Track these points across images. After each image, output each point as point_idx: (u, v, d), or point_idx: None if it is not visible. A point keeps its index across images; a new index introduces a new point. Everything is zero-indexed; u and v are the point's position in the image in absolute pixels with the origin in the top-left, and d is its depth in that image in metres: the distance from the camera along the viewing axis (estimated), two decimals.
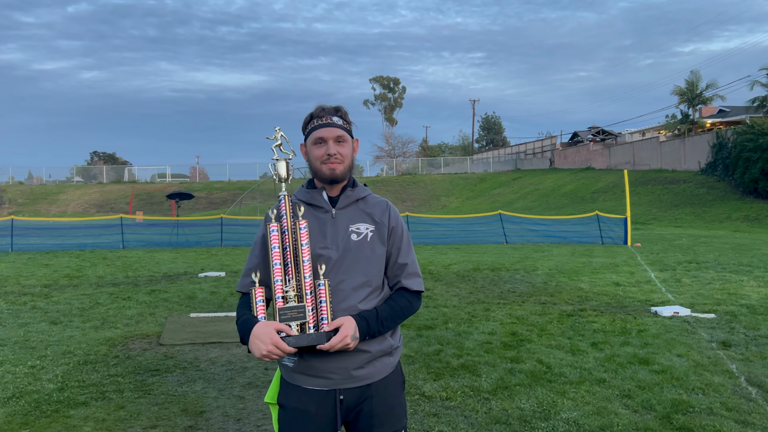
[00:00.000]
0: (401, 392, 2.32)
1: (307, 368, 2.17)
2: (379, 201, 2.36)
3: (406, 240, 2.34)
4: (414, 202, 55.13)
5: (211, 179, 66.82)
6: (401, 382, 2.33)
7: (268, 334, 2.04)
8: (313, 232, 2.21)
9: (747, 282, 10.99)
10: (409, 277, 2.30)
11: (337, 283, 2.17)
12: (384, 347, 2.24)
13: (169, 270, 14.20)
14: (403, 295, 2.29)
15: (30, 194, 57.64)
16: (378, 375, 2.23)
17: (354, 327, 2.10)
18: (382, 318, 2.19)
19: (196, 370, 5.88)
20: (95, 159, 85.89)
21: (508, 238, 22.23)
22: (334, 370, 2.16)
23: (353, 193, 2.31)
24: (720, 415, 4.54)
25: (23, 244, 21.03)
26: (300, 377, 2.19)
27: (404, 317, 2.28)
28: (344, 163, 2.25)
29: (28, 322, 8.20)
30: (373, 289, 2.23)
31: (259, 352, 2.05)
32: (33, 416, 4.67)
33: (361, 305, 2.18)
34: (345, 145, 2.26)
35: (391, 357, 2.28)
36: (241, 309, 2.24)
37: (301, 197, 2.31)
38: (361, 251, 2.22)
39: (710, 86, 46.96)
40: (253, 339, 2.07)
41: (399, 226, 2.33)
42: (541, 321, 7.89)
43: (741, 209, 31.19)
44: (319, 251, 2.19)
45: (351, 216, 2.27)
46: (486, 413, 4.65)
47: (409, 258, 2.32)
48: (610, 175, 45.92)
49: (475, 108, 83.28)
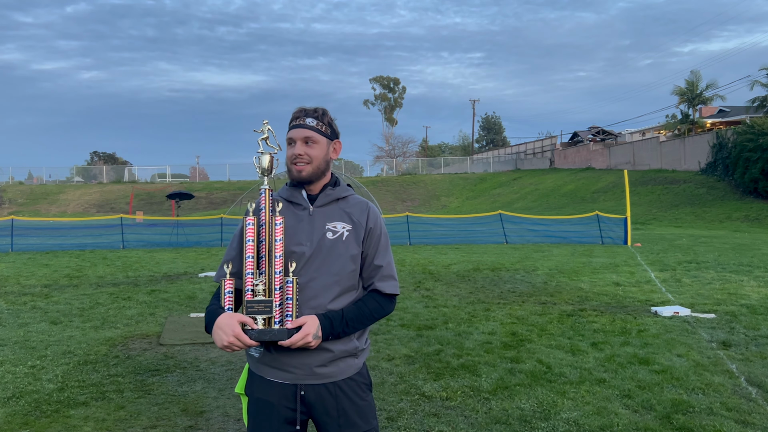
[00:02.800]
0: (368, 394, 2.31)
1: (271, 360, 2.20)
2: (359, 201, 2.35)
3: (384, 242, 2.34)
4: (414, 202, 55.15)
5: (211, 179, 66.84)
6: (368, 384, 2.33)
7: (231, 326, 2.06)
8: (289, 228, 2.21)
9: (747, 282, 10.99)
10: (384, 279, 2.30)
11: (307, 280, 2.18)
12: (348, 348, 2.24)
13: (169, 270, 14.20)
14: (374, 298, 2.29)
15: (30, 194, 57.65)
16: (341, 375, 2.23)
17: (317, 326, 2.11)
18: (348, 319, 2.19)
19: (196, 370, 5.88)
20: (95, 159, 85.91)
21: (508, 238, 22.24)
22: (297, 365, 2.18)
23: (333, 192, 2.31)
24: (720, 415, 4.54)
25: (23, 244, 21.03)
26: (264, 368, 2.23)
27: (373, 320, 2.27)
28: (312, 164, 2.24)
29: (28, 322, 8.20)
30: (343, 289, 2.23)
31: (220, 342, 2.07)
32: (33, 416, 4.67)
33: (330, 305, 2.19)
34: (314, 146, 2.25)
35: (356, 359, 2.28)
36: (213, 299, 2.27)
37: (282, 194, 2.33)
38: (334, 250, 2.22)
39: (710, 86, 46.97)
40: (216, 329, 2.10)
41: (377, 227, 2.32)
42: (541, 321, 7.89)
43: (741, 209, 31.21)
44: (293, 248, 2.20)
45: (329, 214, 2.27)
46: (486, 413, 4.65)
47: (384, 260, 2.31)
48: (610, 175, 45.94)
49: (475, 108, 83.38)
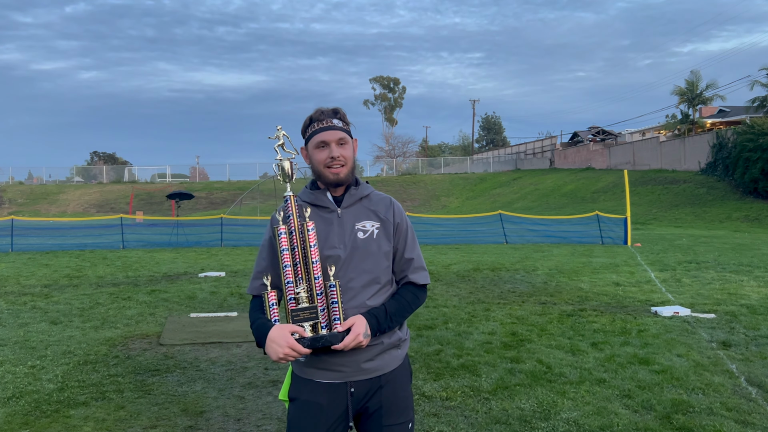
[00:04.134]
0: (409, 384, 2.35)
1: (318, 362, 2.21)
2: (383, 198, 2.37)
3: (411, 235, 2.37)
4: (414, 202, 55.14)
5: (211, 179, 66.89)
6: (409, 374, 2.37)
7: (284, 338, 2.07)
8: (321, 233, 2.22)
9: (747, 282, 10.99)
10: (416, 271, 2.34)
11: (346, 281, 2.20)
12: (393, 340, 2.28)
13: (169, 270, 14.20)
14: (409, 290, 2.33)
15: (30, 194, 57.64)
16: (387, 367, 2.26)
17: (365, 325, 2.14)
18: (391, 314, 2.23)
19: (196, 370, 5.88)
20: (95, 159, 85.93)
21: (508, 238, 22.23)
22: (345, 363, 2.19)
23: (357, 191, 2.32)
24: (720, 415, 4.54)
25: (23, 244, 21.02)
26: (311, 371, 2.23)
27: (412, 311, 2.32)
28: (347, 165, 2.26)
29: (28, 322, 8.20)
30: (381, 286, 2.26)
31: (276, 356, 2.08)
32: (33, 416, 4.67)
33: (369, 302, 2.22)
34: (347, 146, 2.27)
35: (399, 349, 2.32)
36: (254, 313, 2.26)
37: (306, 198, 2.31)
38: (368, 249, 2.25)
39: (710, 86, 46.92)
40: (269, 343, 2.11)
41: (404, 221, 2.35)
42: (541, 321, 7.89)
43: (741, 209, 31.20)
44: (328, 252, 2.21)
45: (356, 214, 2.29)
46: (486, 413, 4.65)
47: (414, 252, 2.35)
48: (610, 175, 45.93)
49: (475, 108, 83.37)
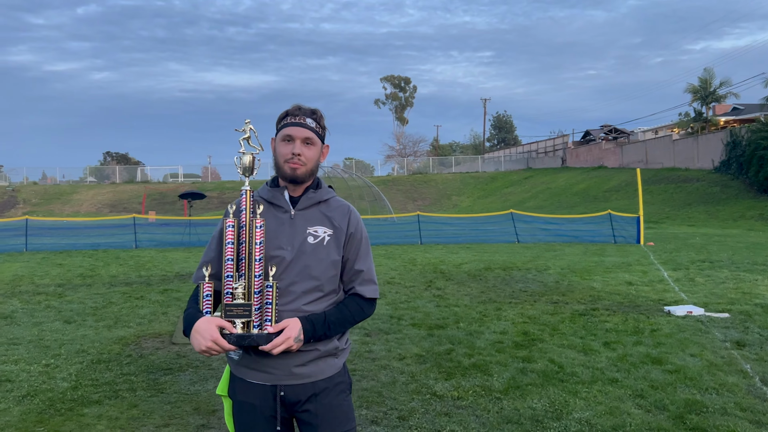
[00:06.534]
0: (347, 394, 2.31)
1: (250, 362, 2.20)
2: (341, 205, 2.34)
3: (365, 246, 2.33)
4: (425, 202, 55.09)
5: (223, 179, 67.07)
6: (347, 384, 2.32)
7: (209, 331, 2.05)
8: (270, 232, 2.19)
9: (761, 281, 10.89)
10: (364, 283, 2.30)
11: (287, 284, 2.17)
12: (328, 348, 2.23)
13: (182, 269, 14.27)
14: (355, 301, 2.29)
15: (44, 194, 58.15)
16: (320, 374, 2.23)
17: (299, 329, 2.10)
18: (330, 322, 2.19)
19: (209, 369, 5.91)
20: (108, 159, 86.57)
21: (520, 237, 22.16)
22: (276, 366, 2.17)
23: (315, 194, 2.29)
24: (734, 415, 4.50)
25: (37, 243, 21.20)
26: (244, 370, 2.23)
27: (354, 323, 2.28)
28: (307, 166, 2.23)
29: (42, 321, 8.28)
30: (324, 294, 2.23)
31: (198, 347, 2.06)
32: (47, 414, 4.72)
33: (307, 308, 2.18)
34: (312, 148, 2.25)
35: (336, 358, 2.28)
36: (191, 301, 2.25)
37: (263, 195, 2.30)
38: (315, 255, 2.21)
39: (724, 84, 46.41)
40: (194, 333, 2.08)
41: (358, 231, 2.32)
42: (553, 320, 7.86)
43: (755, 208, 30.88)
44: (274, 252, 2.18)
45: (310, 218, 2.26)
46: (498, 413, 4.64)
47: (365, 265, 2.31)
48: (622, 174, 45.64)
49: (486, 107, 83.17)
